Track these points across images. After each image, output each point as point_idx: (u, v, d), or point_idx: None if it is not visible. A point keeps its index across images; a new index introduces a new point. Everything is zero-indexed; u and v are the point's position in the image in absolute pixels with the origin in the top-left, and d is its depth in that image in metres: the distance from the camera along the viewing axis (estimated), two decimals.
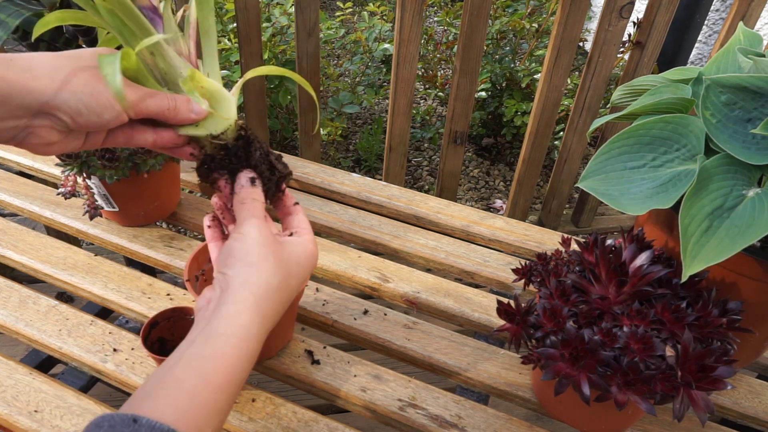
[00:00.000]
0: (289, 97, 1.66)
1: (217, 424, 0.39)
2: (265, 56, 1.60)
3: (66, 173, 0.75)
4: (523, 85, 1.80)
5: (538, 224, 1.56)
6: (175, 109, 0.45)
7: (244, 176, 0.49)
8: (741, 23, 0.69)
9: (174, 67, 0.46)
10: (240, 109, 1.35)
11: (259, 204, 0.48)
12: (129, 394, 0.67)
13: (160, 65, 0.46)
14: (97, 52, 0.44)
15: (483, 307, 0.79)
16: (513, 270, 0.68)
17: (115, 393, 0.78)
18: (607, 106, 1.73)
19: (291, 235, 0.51)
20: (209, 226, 0.52)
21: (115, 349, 0.70)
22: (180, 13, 0.49)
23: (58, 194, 0.78)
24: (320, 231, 0.92)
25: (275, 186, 0.52)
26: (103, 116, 0.42)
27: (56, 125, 0.42)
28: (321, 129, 1.67)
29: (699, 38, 2.17)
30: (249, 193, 0.48)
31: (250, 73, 0.51)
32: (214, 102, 0.48)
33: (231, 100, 0.49)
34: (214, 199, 0.52)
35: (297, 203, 0.54)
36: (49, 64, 0.41)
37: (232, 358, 0.40)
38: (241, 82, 0.51)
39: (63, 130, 0.42)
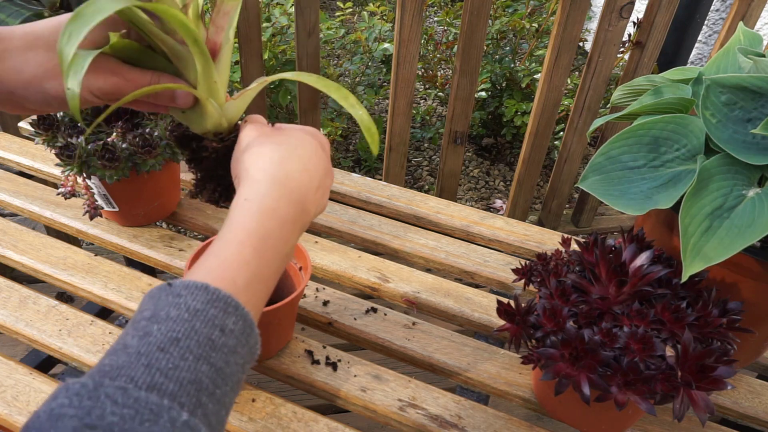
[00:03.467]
0: (288, 97, 1.66)
1: (248, 275, 0.40)
2: (265, 56, 1.60)
3: (66, 173, 0.75)
4: (523, 85, 1.80)
5: (538, 224, 1.56)
6: (155, 97, 0.46)
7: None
8: (741, 23, 0.69)
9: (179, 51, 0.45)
10: None
11: (249, 121, 0.49)
12: None
13: (164, 45, 0.44)
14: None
15: (483, 307, 0.79)
16: (513, 270, 0.68)
17: None
18: (607, 106, 1.73)
19: None
20: None
21: None
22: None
23: (58, 194, 0.78)
24: (320, 231, 0.92)
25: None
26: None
27: (25, 108, 0.43)
28: (321, 129, 1.67)
29: (699, 38, 2.17)
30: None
31: (268, 79, 0.51)
32: (204, 100, 0.47)
33: (216, 116, 0.48)
34: None
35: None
36: (21, 54, 0.42)
37: (246, 215, 0.42)
38: (254, 88, 0.50)
39: (35, 109, 0.44)
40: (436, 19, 2.64)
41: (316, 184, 0.47)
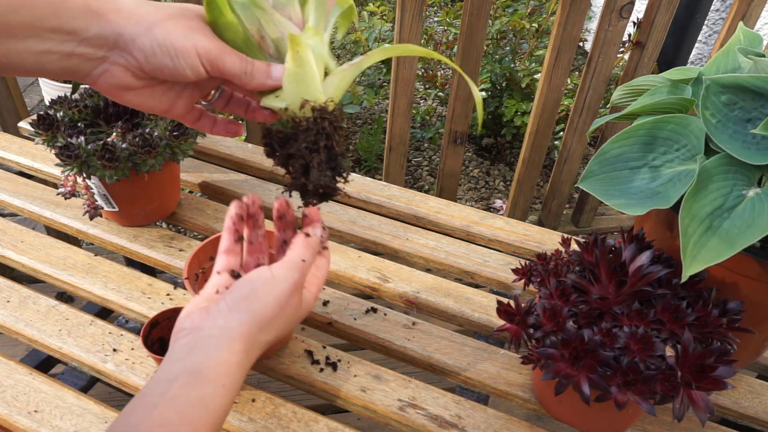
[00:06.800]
0: None
1: None
2: None
3: (66, 173, 0.75)
4: (523, 85, 1.80)
5: (538, 224, 1.56)
6: (251, 74, 0.43)
7: (321, 226, 0.50)
8: (741, 23, 0.69)
9: (283, 31, 0.42)
10: None
11: (313, 261, 0.47)
12: (129, 395, 0.67)
13: (267, 30, 0.43)
14: (187, 7, 0.43)
15: (483, 307, 0.79)
16: (513, 270, 0.68)
17: (115, 393, 0.78)
18: (607, 106, 1.73)
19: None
20: (233, 223, 0.51)
21: (115, 349, 0.70)
22: None
23: (58, 194, 0.78)
24: None
25: (306, 194, 0.46)
26: (178, 61, 0.41)
27: (130, 65, 0.41)
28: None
29: (699, 38, 2.17)
30: (318, 244, 0.48)
31: (376, 54, 0.44)
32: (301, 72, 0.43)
33: (314, 75, 0.43)
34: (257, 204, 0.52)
35: (326, 248, 0.53)
36: (134, 3, 0.41)
37: (219, 407, 0.40)
38: (364, 59, 0.44)
39: (137, 72, 0.42)
40: (436, 19, 2.64)
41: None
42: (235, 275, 0.51)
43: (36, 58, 0.39)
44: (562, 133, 1.62)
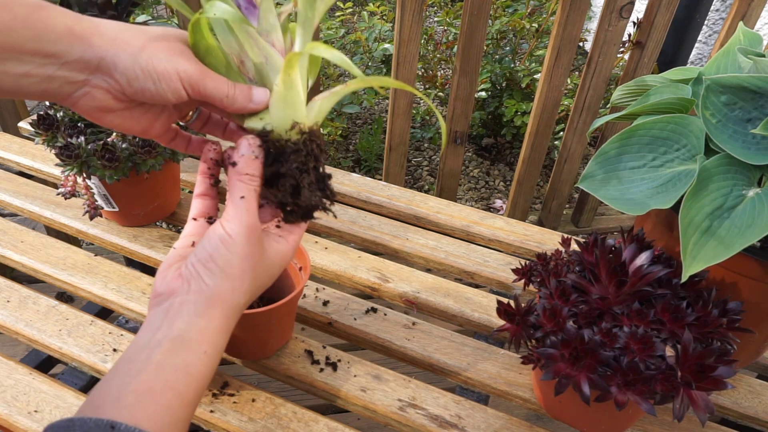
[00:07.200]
0: None
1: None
2: None
3: (66, 173, 0.75)
4: (523, 85, 1.80)
5: (538, 224, 1.56)
6: (233, 97, 0.43)
7: (247, 142, 0.44)
8: (741, 23, 0.69)
9: (269, 58, 0.43)
10: None
11: (254, 190, 0.44)
12: None
13: (252, 56, 0.43)
14: (169, 31, 0.43)
15: (483, 307, 0.79)
16: (513, 270, 0.68)
17: None
18: (607, 106, 1.74)
19: (278, 226, 0.48)
20: (208, 168, 0.49)
21: (115, 349, 0.70)
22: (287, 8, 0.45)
23: (58, 194, 0.78)
24: (320, 231, 0.92)
25: (288, 213, 0.46)
26: (160, 84, 0.41)
27: (112, 88, 0.41)
28: (321, 129, 1.67)
29: (699, 38, 2.17)
30: (246, 166, 0.44)
31: (354, 84, 0.45)
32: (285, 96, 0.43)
33: (302, 99, 0.43)
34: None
35: None
36: (116, 27, 0.41)
37: (203, 374, 0.41)
38: (343, 88, 0.44)
39: (119, 95, 0.42)
40: (436, 19, 2.64)
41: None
42: (212, 222, 0.49)
43: (15, 80, 0.39)
44: (562, 133, 1.62)
